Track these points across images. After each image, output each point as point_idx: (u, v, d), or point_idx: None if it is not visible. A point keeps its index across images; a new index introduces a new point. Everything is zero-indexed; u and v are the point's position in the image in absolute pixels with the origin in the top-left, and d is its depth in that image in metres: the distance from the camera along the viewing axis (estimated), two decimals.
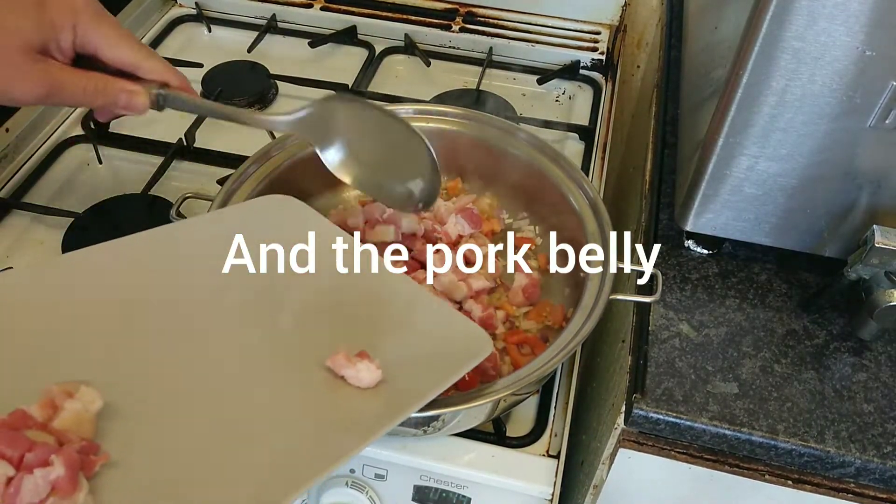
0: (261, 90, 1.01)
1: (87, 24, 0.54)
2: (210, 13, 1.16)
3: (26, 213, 0.84)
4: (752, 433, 0.60)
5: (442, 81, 1.06)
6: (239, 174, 0.73)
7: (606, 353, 0.86)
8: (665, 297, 0.69)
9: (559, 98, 1.06)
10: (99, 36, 0.55)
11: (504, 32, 1.13)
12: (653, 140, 0.86)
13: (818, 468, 0.61)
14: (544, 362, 0.59)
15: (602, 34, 1.14)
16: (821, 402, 0.62)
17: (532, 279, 0.73)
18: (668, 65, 0.94)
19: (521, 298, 0.72)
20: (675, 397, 0.62)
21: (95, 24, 0.54)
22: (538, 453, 0.66)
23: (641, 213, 0.81)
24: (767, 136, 0.61)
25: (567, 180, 0.75)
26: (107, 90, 0.55)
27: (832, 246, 0.67)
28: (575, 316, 0.63)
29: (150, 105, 0.58)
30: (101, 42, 0.55)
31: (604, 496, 0.71)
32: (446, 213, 0.76)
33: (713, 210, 0.67)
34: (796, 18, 0.54)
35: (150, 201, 0.84)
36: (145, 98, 0.57)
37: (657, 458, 0.65)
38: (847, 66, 0.55)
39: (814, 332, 0.67)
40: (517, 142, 0.78)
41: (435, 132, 0.81)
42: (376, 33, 1.13)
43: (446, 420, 0.59)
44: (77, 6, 0.54)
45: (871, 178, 0.62)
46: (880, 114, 0.57)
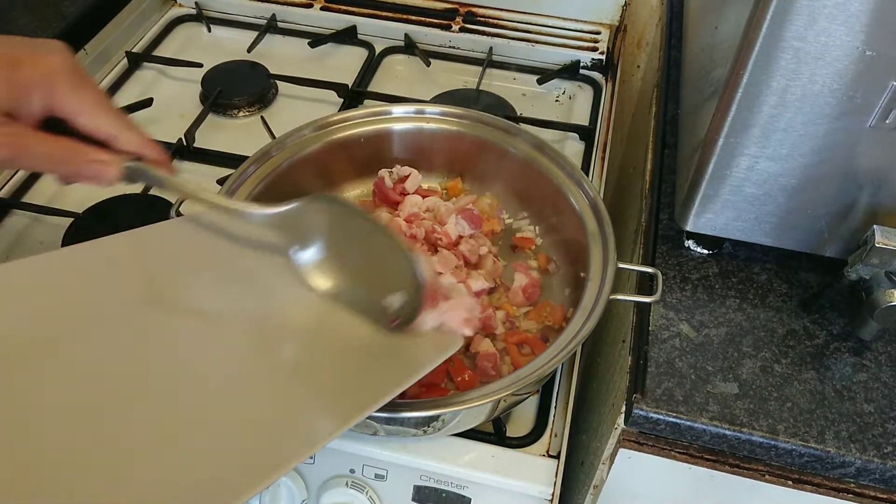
0: (261, 90, 1.01)
1: (63, 89, 0.50)
2: (210, 13, 1.16)
3: (26, 213, 0.84)
4: (753, 433, 0.60)
5: (442, 81, 1.06)
6: (239, 174, 0.73)
7: (606, 353, 0.86)
8: (665, 297, 0.69)
9: (559, 98, 1.06)
10: (75, 103, 0.51)
11: (504, 32, 1.13)
12: (653, 140, 0.86)
13: (818, 468, 0.61)
14: (544, 362, 0.59)
15: (602, 34, 1.13)
16: (821, 402, 0.62)
17: (532, 279, 0.73)
18: (668, 65, 0.94)
19: (521, 298, 0.72)
20: (676, 397, 0.61)
21: (72, 90, 0.51)
22: (538, 453, 0.66)
23: (641, 213, 0.81)
24: (768, 136, 0.60)
25: (567, 180, 0.75)
26: (75, 159, 0.52)
27: (832, 246, 0.67)
28: (575, 316, 0.63)
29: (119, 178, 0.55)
30: (77, 109, 0.51)
31: (604, 496, 0.71)
32: (446, 214, 0.76)
33: (713, 210, 0.67)
34: (796, 18, 0.54)
35: (150, 201, 0.84)
36: (116, 170, 0.53)
37: (657, 458, 0.65)
38: (847, 65, 0.55)
39: (814, 332, 0.67)
40: (517, 142, 0.78)
41: (435, 132, 0.81)
42: (376, 33, 1.13)
43: (446, 420, 0.59)
44: (53, 69, 0.50)
45: (871, 178, 0.62)
46: (880, 114, 0.57)
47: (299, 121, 0.78)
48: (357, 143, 0.79)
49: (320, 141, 0.78)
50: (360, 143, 0.80)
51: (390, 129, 0.80)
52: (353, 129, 0.79)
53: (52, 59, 0.50)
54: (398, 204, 0.78)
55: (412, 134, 0.81)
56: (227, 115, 0.99)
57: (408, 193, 0.79)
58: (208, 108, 0.97)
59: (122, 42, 1.08)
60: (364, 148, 0.80)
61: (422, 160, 0.82)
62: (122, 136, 0.53)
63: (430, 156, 0.82)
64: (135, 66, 1.05)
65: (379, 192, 0.79)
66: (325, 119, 0.79)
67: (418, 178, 0.80)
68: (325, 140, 0.78)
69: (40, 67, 0.49)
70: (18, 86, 0.49)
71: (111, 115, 0.53)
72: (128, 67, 1.05)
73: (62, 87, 0.50)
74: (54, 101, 0.51)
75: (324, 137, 0.78)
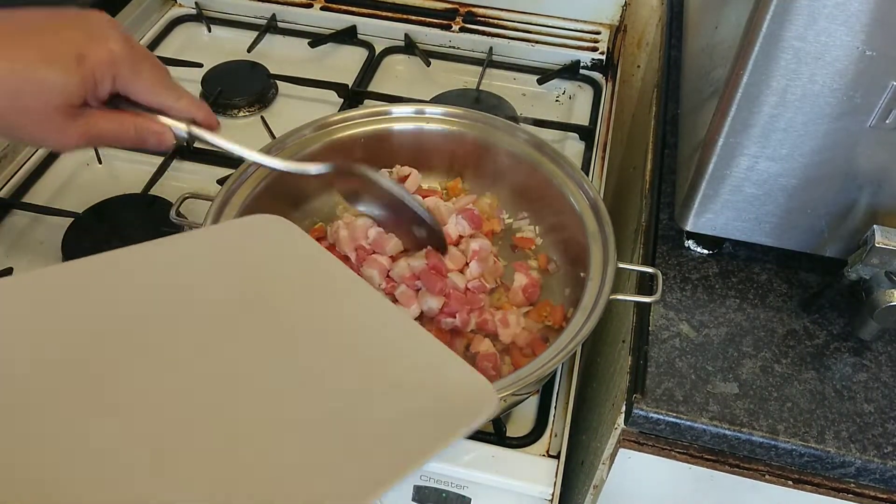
0: (261, 90, 1.01)
1: (126, 72, 0.55)
2: (210, 13, 1.16)
3: (26, 213, 0.84)
4: (753, 433, 0.60)
5: (442, 81, 1.06)
6: (239, 174, 0.73)
7: (606, 353, 0.86)
8: (665, 297, 0.69)
9: (559, 98, 1.06)
10: (137, 83, 0.56)
11: (504, 32, 1.13)
12: (653, 140, 0.86)
13: (818, 468, 0.61)
14: (544, 362, 0.59)
15: (602, 34, 1.13)
16: (821, 402, 0.62)
17: (532, 279, 0.73)
18: (668, 65, 0.94)
19: (521, 298, 0.72)
20: (676, 397, 0.61)
21: (134, 72, 0.55)
22: (538, 453, 0.66)
23: (641, 213, 0.81)
24: (768, 136, 0.61)
25: (567, 180, 0.75)
26: (138, 134, 0.58)
27: (832, 246, 0.67)
28: (575, 316, 0.63)
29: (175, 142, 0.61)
30: (139, 88, 0.57)
31: (604, 496, 0.71)
32: (446, 214, 0.76)
33: (713, 210, 0.67)
34: (797, 18, 0.54)
35: (150, 201, 0.84)
36: (171, 137, 0.60)
37: (657, 458, 0.65)
38: (847, 65, 0.55)
39: (814, 332, 0.67)
40: (517, 142, 0.78)
41: (435, 132, 0.81)
42: (376, 33, 1.13)
43: None
44: (116, 56, 0.54)
45: (871, 178, 0.62)
46: (880, 114, 0.57)
47: (299, 121, 0.78)
48: (357, 143, 0.79)
49: (320, 141, 0.78)
50: (360, 143, 0.80)
51: (390, 129, 0.80)
52: (353, 129, 0.79)
53: (113, 47, 0.54)
54: None
55: (412, 134, 0.81)
56: (227, 115, 0.99)
57: None
58: None
59: None
60: (364, 148, 0.80)
61: (422, 160, 0.82)
62: (177, 105, 0.58)
63: (430, 156, 0.82)
64: None
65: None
66: (325, 119, 0.79)
67: (418, 178, 0.80)
68: (325, 140, 0.78)
69: (104, 56, 0.53)
70: (89, 79, 0.53)
71: (168, 88, 0.58)
72: None
73: (125, 72, 0.55)
74: (118, 84, 0.55)
75: (324, 137, 0.78)
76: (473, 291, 0.70)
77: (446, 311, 0.69)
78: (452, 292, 0.69)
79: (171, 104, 0.58)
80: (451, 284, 0.70)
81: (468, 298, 0.70)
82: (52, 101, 0.52)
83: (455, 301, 0.69)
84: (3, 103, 0.51)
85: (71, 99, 0.53)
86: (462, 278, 0.71)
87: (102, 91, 0.55)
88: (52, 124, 0.53)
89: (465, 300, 0.69)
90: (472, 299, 0.70)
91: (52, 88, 0.52)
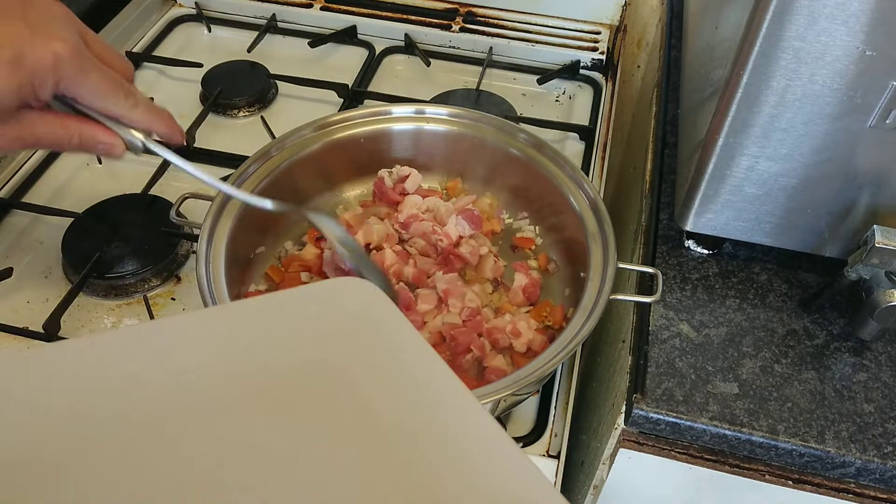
0: (261, 90, 1.01)
1: (71, 76, 0.50)
2: (210, 13, 1.16)
3: (26, 213, 0.84)
4: (753, 433, 0.60)
5: (442, 81, 1.06)
6: (239, 174, 0.73)
7: (606, 353, 0.86)
8: (665, 297, 0.69)
9: (559, 98, 1.06)
10: (83, 87, 0.51)
11: (504, 32, 1.13)
12: (653, 140, 0.86)
13: (818, 468, 0.61)
14: (544, 362, 0.59)
15: (602, 34, 1.13)
16: (821, 402, 0.62)
17: (532, 279, 0.73)
18: (668, 65, 0.94)
19: (521, 298, 0.72)
20: (676, 397, 0.61)
21: (80, 76, 0.50)
22: (538, 453, 0.66)
23: (641, 213, 0.81)
24: (768, 136, 0.60)
25: (567, 180, 0.75)
26: (83, 142, 0.53)
27: (832, 246, 0.67)
28: (575, 316, 0.63)
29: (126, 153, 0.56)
30: (85, 93, 0.52)
31: (604, 496, 0.71)
32: (446, 214, 0.76)
33: (713, 210, 0.67)
34: (796, 18, 0.54)
35: (150, 201, 0.84)
36: (121, 150, 0.55)
37: (657, 458, 0.65)
38: (847, 65, 0.55)
39: (814, 332, 0.67)
40: (517, 142, 0.78)
41: (435, 132, 0.81)
42: (376, 33, 1.13)
43: None
44: (60, 57, 0.49)
45: (871, 178, 0.62)
46: (880, 114, 0.57)
47: (299, 121, 0.78)
48: (357, 143, 0.79)
49: (320, 141, 0.78)
50: (360, 143, 0.80)
51: (390, 129, 0.80)
52: (353, 129, 0.79)
53: (56, 45, 0.49)
54: (398, 204, 0.79)
55: (412, 134, 0.81)
56: (227, 115, 0.99)
57: (408, 193, 0.79)
58: (208, 108, 0.97)
59: (122, 42, 1.08)
60: (364, 148, 0.80)
61: (422, 160, 0.82)
62: (130, 114, 0.54)
63: (430, 156, 0.82)
64: (135, 66, 1.05)
65: (379, 192, 0.79)
66: (325, 119, 0.79)
67: (418, 179, 0.80)
68: (325, 140, 0.78)
69: (46, 59, 0.48)
70: (26, 85, 0.49)
71: (118, 95, 0.53)
72: None
73: (69, 74, 0.50)
74: (62, 87, 0.51)
75: (324, 137, 0.78)
76: (470, 318, 0.69)
77: (460, 351, 0.67)
78: (453, 333, 0.68)
79: (123, 112, 0.54)
80: (449, 324, 0.68)
81: (470, 327, 0.68)
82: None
83: (462, 338, 0.67)
84: None
85: (3, 105, 0.49)
86: (455, 315, 0.69)
87: (43, 94, 0.50)
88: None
89: (467, 331, 0.68)
90: (473, 326, 0.69)
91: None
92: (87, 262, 0.76)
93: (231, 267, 0.67)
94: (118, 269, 0.77)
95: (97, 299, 0.77)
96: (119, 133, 0.54)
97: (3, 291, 0.76)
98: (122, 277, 0.77)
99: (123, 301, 0.77)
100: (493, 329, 0.69)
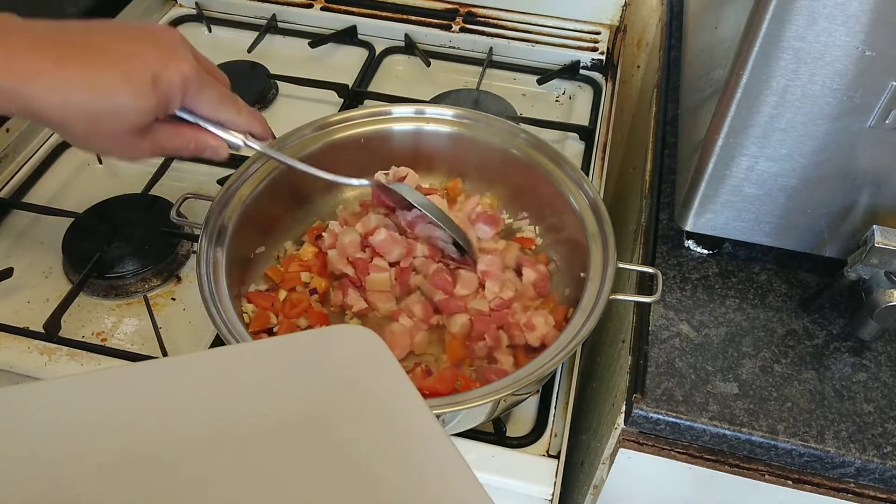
0: (261, 90, 1.01)
1: (193, 92, 0.57)
2: (210, 13, 1.16)
3: (26, 213, 0.84)
4: (752, 433, 0.60)
5: (442, 81, 1.06)
6: (239, 174, 0.73)
7: (606, 353, 0.86)
8: (665, 297, 0.69)
9: (559, 98, 1.06)
10: (202, 101, 0.59)
11: (504, 32, 1.13)
12: (653, 140, 0.86)
13: (818, 468, 0.61)
14: (544, 362, 0.59)
15: (602, 34, 1.13)
16: (821, 402, 0.62)
17: (541, 273, 0.73)
18: (668, 65, 0.94)
19: (532, 293, 0.72)
20: (675, 397, 0.62)
21: (200, 91, 0.58)
22: (538, 453, 0.66)
23: (641, 213, 0.81)
24: (767, 136, 0.61)
25: (567, 180, 0.75)
26: (197, 147, 0.61)
27: (832, 246, 0.67)
28: (575, 316, 0.63)
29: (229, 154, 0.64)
30: (203, 105, 0.59)
31: (604, 496, 0.71)
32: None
33: (713, 210, 0.67)
34: (796, 18, 0.54)
35: (150, 201, 0.84)
36: (226, 151, 0.63)
37: (657, 458, 0.65)
38: (847, 66, 0.55)
39: (814, 332, 0.67)
40: (517, 142, 0.78)
41: (435, 132, 0.81)
42: (376, 33, 1.13)
43: (446, 420, 0.59)
44: (187, 77, 0.56)
45: (871, 178, 0.62)
46: (880, 114, 0.57)
47: (299, 121, 0.78)
48: (357, 143, 0.80)
49: (320, 141, 0.78)
50: (360, 143, 0.80)
51: (390, 129, 0.80)
52: (353, 129, 0.79)
53: (183, 67, 0.56)
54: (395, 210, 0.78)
55: (412, 134, 0.81)
56: None
57: None
58: None
59: None
60: (364, 148, 0.80)
61: (422, 160, 0.82)
62: (237, 119, 0.62)
63: (430, 156, 0.82)
64: None
65: (377, 195, 0.79)
66: (325, 119, 0.79)
67: (416, 179, 0.80)
68: (325, 140, 0.78)
69: (176, 78, 0.55)
70: (162, 102, 0.55)
71: (227, 105, 0.61)
72: None
73: (193, 91, 0.57)
74: (185, 102, 0.58)
75: (324, 137, 0.78)
76: (497, 310, 0.70)
77: (475, 336, 0.68)
78: (477, 316, 0.69)
79: (232, 119, 0.61)
80: (475, 309, 0.70)
81: (494, 318, 0.70)
82: (128, 123, 0.55)
83: (480, 324, 0.68)
84: (82, 124, 0.53)
85: (144, 121, 0.56)
86: (484, 302, 0.70)
87: (172, 109, 0.58)
88: (125, 142, 0.56)
89: (489, 321, 0.69)
90: (497, 317, 0.69)
91: (130, 113, 0.54)
92: (87, 262, 0.76)
93: (231, 267, 0.67)
94: (118, 269, 0.77)
95: (97, 299, 0.77)
96: (225, 137, 0.62)
97: (3, 291, 0.76)
98: (123, 277, 0.77)
99: (124, 301, 0.77)
100: (512, 325, 0.69)
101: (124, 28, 0.57)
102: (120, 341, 0.73)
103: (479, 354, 0.68)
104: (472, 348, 0.68)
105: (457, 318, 0.69)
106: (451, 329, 0.69)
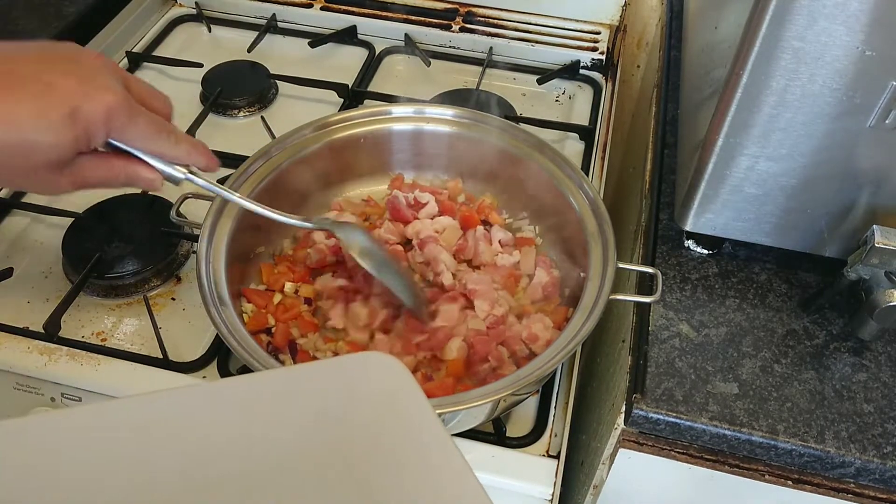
0: (261, 90, 1.01)
1: (121, 125, 0.54)
2: (210, 13, 1.16)
3: (26, 213, 0.84)
4: (752, 433, 0.60)
5: (442, 81, 1.06)
6: (239, 174, 0.73)
7: (606, 353, 0.86)
8: (665, 297, 0.69)
9: (559, 98, 1.06)
10: (132, 133, 0.55)
11: (504, 32, 1.13)
12: (653, 140, 0.86)
13: (818, 468, 0.61)
14: (544, 362, 0.59)
15: (602, 34, 1.13)
16: (821, 402, 0.62)
17: (553, 277, 0.73)
18: (668, 65, 0.94)
19: (539, 294, 0.72)
20: (675, 397, 0.61)
21: (130, 122, 0.54)
22: (538, 453, 0.66)
23: (641, 213, 0.81)
24: (767, 136, 0.61)
25: (567, 180, 0.75)
26: (128, 179, 0.58)
27: (832, 246, 0.67)
28: (575, 316, 0.63)
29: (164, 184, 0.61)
30: (134, 137, 0.55)
31: (604, 496, 0.71)
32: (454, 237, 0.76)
33: (713, 210, 0.67)
34: (796, 18, 0.54)
35: (150, 201, 0.84)
36: (160, 184, 0.59)
37: (657, 458, 0.65)
38: (847, 66, 0.55)
39: (814, 332, 0.67)
40: (517, 142, 0.78)
41: (435, 132, 0.81)
42: (376, 33, 1.13)
43: (446, 420, 0.59)
44: (111, 108, 0.52)
45: (871, 178, 0.62)
46: (880, 114, 0.57)
47: (299, 121, 0.78)
48: (357, 143, 0.80)
49: (320, 141, 0.78)
50: (360, 143, 0.80)
51: (390, 129, 0.80)
52: (353, 129, 0.79)
53: (107, 98, 0.52)
54: (410, 222, 0.77)
55: (412, 134, 0.81)
56: (228, 115, 0.99)
57: (419, 218, 0.77)
58: (208, 108, 0.97)
59: (122, 42, 1.08)
60: (364, 148, 0.80)
61: (422, 160, 0.82)
62: (173, 153, 0.58)
63: (429, 156, 0.82)
64: (135, 66, 1.05)
65: (392, 210, 0.78)
66: (325, 119, 0.79)
67: (434, 209, 0.78)
68: (325, 140, 0.78)
69: (99, 111, 0.52)
70: (81, 137, 0.52)
71: (162, 136, 0.57)
72: (128, 67, 1.05)
73: (120, 122, 0.53)
74: (113, 134, 0.54)
75: (324, 137, 0.78)
76: (494, 326, 0.69)
77: (478, 360, 0.67)
78: (475, 336, 0.67)
79: (167, 151, 0.57)
80: (473, 330, 0.68)
81: (493, 336, 0.68)
82: (42, 160, 0.51)
83: (481, 345, 0.66)
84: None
85: (62, 157, 0.52)
86: (478, 321, 0.69)
87: (95, 143, 0.54)
88: (42, 178, 0.53)
89: (488, 340, 0.67)
90: (495, 335, 0.68)
91: (44, 150, 0.51)
92: (87, 262, 0.76)
93: (231, 267, 0.67)
94: (118, 269, 0.77)
95: (97, 299, 0.77)
96: (162, 169, 0.58)
97: (3, 291, 0.76)
98: (123, 277, 0.77)
99: (124, 301, 0.77)
100: (512, 339, 0.68)
101: (47, 54, 0.53)
102: (120, 341, 0.73)
103: (482, 376, 0.66)
104: (476, 371, 0.66)
105: (451, 345, 0.66)
106: (447, 356, 0.66)
